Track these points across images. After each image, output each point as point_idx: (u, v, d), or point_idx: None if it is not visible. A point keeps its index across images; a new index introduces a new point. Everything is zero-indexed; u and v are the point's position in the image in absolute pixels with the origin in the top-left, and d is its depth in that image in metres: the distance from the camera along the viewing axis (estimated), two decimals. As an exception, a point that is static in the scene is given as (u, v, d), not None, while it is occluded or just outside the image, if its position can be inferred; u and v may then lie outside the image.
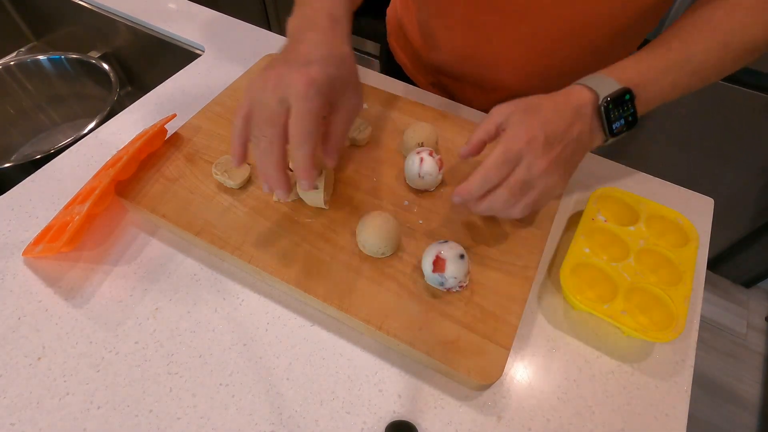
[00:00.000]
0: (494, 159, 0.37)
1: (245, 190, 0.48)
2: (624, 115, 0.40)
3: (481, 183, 0.38)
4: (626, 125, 0.41)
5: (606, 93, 0.39)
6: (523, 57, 0.55)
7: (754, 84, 0.97)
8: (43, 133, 0.89)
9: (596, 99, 0.40)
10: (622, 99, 0.40)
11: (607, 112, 0.40)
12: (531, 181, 0.38)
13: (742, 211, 1.21)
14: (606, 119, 0.40)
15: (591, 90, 0.40)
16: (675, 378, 0.40)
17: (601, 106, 0.39)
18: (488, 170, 0.38)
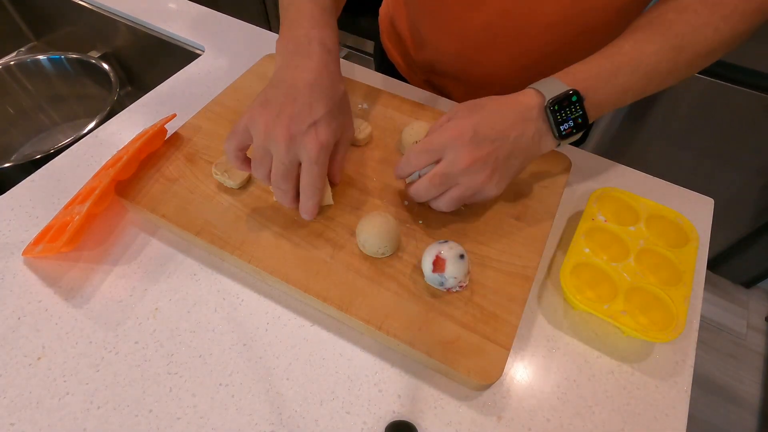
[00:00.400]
0: (418, 147, 0.40)
1: (245, 190, 0.48)
2: (572, 116, 0.40)
3: (403, 166, 0.42)
4: (575, 127, 0.41)
5: (552, 95, 0.40)
6: (512, 54, 0.55)
7: (754, 84, 0.97)
8: (43, 133, 0.89)
9: (543, 101, 0.40)
10: (569, 100, 0.40)
11: (553, 114, 0.40)
12: (453, 176, 0.39)
13: (742, 211, 1.21)
14: (553, 121, 0.40)
15: (539, 92, 0.40)
16: (675, 378, 0.40)
17: (546, 108, 0.40)
18: (409, 155, 0.41)
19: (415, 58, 0.66)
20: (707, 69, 1.00)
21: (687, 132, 1.12)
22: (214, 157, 0.50)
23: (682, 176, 1.15)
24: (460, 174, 0.39)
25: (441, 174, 0.39)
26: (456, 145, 0.38)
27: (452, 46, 0.59)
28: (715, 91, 1.01)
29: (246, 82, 0.60)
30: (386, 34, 0.73)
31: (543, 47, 0.54)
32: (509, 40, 0.54)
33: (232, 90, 0.58)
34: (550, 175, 0.50)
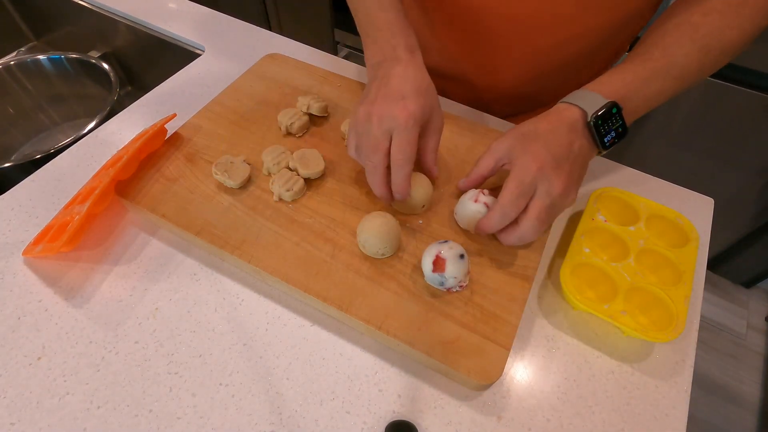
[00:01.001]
0: (509, 194, 0.39)
1: (245, 190, 0.48)
2: (614, 127, 0.41)
3: (500, 218, 0.40)
4: (617, 137, 0.42)
5: (593, 109, 0.40)
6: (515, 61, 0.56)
7: (754, 84, 0.97)
8: (43, 133, 0.89)
9: (585, 116, 0.41)
10: (610, 113, 0.40)
11: (597, 128, 0.41)
12: (553, 204, 0.39)
13: (742, 211, 1.21)
14: (597, 134, 0.41)
15: (579, 108, 0.41)
16: (675, 378, 0.40)
17: (590, 122, 0.40)
18: (504, 206, 0.39)
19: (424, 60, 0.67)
20: (707, 69, 1.00)
21: (687, 132, 1.12)
22: (214, 157, 0.50)
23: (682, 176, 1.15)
24: (559, 198, 0.39)
25: (546, 207, 0.39)
26: (544, 175, 0.38)
27: (449, 49, 0.59)
28: (715, 91, 1.01)
29: (246, 82, 0.60)
30: None
31: (552, 49, 0.54)
32: (519, 43, 0.54)
33: (232, 90, 0.58)
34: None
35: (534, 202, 0.39)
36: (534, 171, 0.38)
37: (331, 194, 0.48)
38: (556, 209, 0.40)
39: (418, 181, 0.45)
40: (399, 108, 0.41)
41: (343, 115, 0.56)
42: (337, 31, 1.51)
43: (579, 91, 0.42)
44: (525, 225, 0.39)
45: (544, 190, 0.39)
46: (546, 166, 0.38)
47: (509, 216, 0.40)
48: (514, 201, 0.39)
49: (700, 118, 1.08)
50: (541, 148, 0.39)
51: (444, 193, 0.49)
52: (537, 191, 0.39)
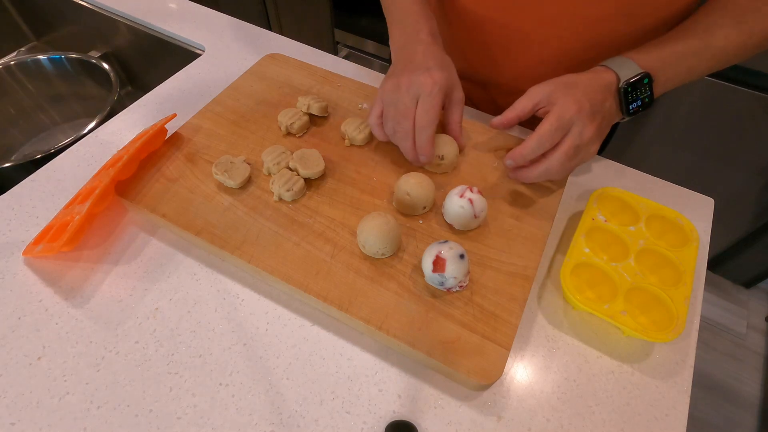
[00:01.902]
0: (548, 125, 0.41)
1: (245, 190, 0.48)
2: (641, 96, 0.43)
3: (536, 146, 0.42)
4: (642, 106, 0.44)
5: (627, 76, 0.42)
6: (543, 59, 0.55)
7: (754, 84, 0.97)
8: (44, 133, 0.89)
9: (618, 80, 0.43)
10: (641, 83, 0.42)
11: (625, 94, 0.43)
12: (581, 146, 0.42)
13: (742, 211, 1.20)
14: (624, 100, 0.43)
15: (613, 72, 0.43)
16: (675, 378, 0.40)
17: (621, 88, 0.42)
18: (542, 135, 0.41)
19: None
20: (707, 69, 1.00)
21: (687, 132, 1.12)
22: (214, 157, 0.50)
23: (682, 176, 1.15)
24: (588, 143, 0.42)
25: (575, 146, 0.41)
26: (580, 118, 0.41)
27: (479, 52, 0.58)
28: (715, 91, 1.01)
29: (246, 82, 0.60)
30: None
31: (574, 52, 0.53)
32: (541, 45, 0.54)
33: (232, 90, 0.58)
34: (550, 175, 0.50)
35: (566, 139, 0.41)
36: (574, 111, 0.40)
37: (331, 194, 0.48)
38: (581, 154, 0.42)
39: (420, 181, 0.45)
40: (425, 76, 0.44)
41: (343, 115, 0.56)
42: (337, 31, 1.51)
43: (617, 57, 0.44)
44: (554, 158, 0.42)
45: (578, 131, 0.41)
46: (583, 111, 0.41)
47: (544, 146, 0.42)
48: (552, 132, 0.41)
49: (700, 118, 1.08)
50: (581, 95, 0.41)
51: (445, 194, 0.49)
52: (571, 130, 0.41)
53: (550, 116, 0.41)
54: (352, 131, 0.52)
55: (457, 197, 0.43)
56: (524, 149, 0.43)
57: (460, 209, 0.43)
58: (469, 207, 0.43)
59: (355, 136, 0.52)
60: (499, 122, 0.46)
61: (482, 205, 0.43)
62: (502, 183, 0.50)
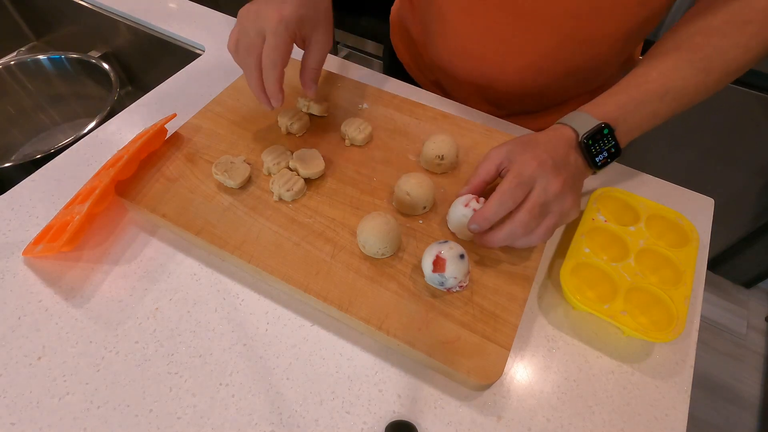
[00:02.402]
0: (508, 183, 0.38)
1: (245, 190, 0.48)
2: (605, 147, 0.42)
3: (497, 207, 0.39)
4: (609, 156, 0.42)
5: (584, 130, 0.41)
6: (522, 57, 0.55)
7: (754, 84, 0.97)
8: (44, 133, 0.89)
9: (576, 135, 0.41)
10: (601, 134, 0.41)
11: (587, 147, 0.41)
12: (548, 203, 0.39)
13: (742, 211, 1.21)
14: (588, 154, 0.42)
15: (571, 128, 0.42)
16: (675, 378, 0.40)
17: (581, 141, 0.41)
18: (503, 194, 0.39)
19: (424, 57, 0.66)
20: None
21: (687, 132, 1.12)
22: (214, 157, 0.50)
23: (682, 176, 1.15)
24: (554, 200, 0.39)
25: (540, 203, 0.38)
26: (543, 172, 0.39)
27: (460, 44, 0.58)
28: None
29: (246, 82, 0.60)
30: (396, 34, 0.73)
31: (556, 47, 0.53)
32: (522, 44, 0.54)
33: (232, 90, 0.59)
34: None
35: (530, 196, 0.39)
36: (534, 167, 0.39)
37: (331, 194, 0.48)
38: (550, 212, 0.39)
39: (420, 181, 0.45)
40: (273, 10, 0.41)
41: (343, 116, 0.56)
42: (337, 31, 1.51)
43: (573, 112, 0.43)
44: (515, 218, 0.39)
45: (542, 187, 0.38)
46: (545, 166, 0.39)
47: (506, 205, 0.39)
48: (513, 189, 0.38)
49: (700, 118, 1.08)
50: (541, 151, 0.40)
51: (445, 194, 0.49)
52: (534, 187, 0.39)
53: (509, 175, 0.39)
54: (352, 131, 0.52)
55: (461, 206, 0.43)
56: (486, 211, 0.39)
57: (463, 218, 0.42)
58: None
59: (355, 136, 0.52)
60: (467, 190, 0.44)
61: None
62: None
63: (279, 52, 0.42)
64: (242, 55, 0.44)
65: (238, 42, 0.44)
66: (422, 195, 0.45)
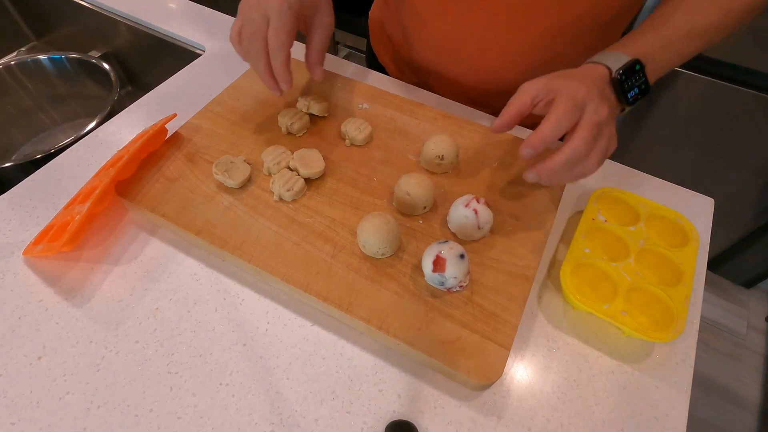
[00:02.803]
0: (563, 105, 0.38)
1: (245, 190, 0.48)
2: (637, 84, 0.42)
3: (555, 126, 0.38)
4: (640, 93, 0.43)
5: (617, 66, 0.41)
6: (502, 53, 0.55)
7: (754, 84, 0.97)
8: (44, 133, 0.89)
9: (610, 72, 0.41)
10: (633, 69, 0.41)
11: (621, 83, 0.41)
12: (601, 125, 0.39)
13: (742, 211, 1.21)
14: (621, 89, 0.42)
15: (604, 65, 0.42)
16: (675, 378, 0.40)
17: (615, 77, 0.41)
18: (560, 115, 0.38)
19: (405, 57, 0.66)
20: (707, 69, 1.00)
21: (687, 132, 1.12)
22: (214, 157, 0.50)
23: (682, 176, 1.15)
24: (606, 122, 0.39)
25: (596, 122, 0.38)
26: (592, 98, 0.38)
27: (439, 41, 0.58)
28: (715, 91, 1.01)
29: (246, 82, 0.60)
30: (376, 37, 0.73)
31: (534, 41, 0.53)
32: (499, 38, 0.54)
33: (232, 90, 0.58)
34: (550, 175, 0.50)
35: (584, 117, 0.38)
36: (584, 91, 0.38)
37: (331, 194, 0.48)
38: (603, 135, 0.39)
39: (420, 181, 0.45)
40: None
41: (343, 115, 0.56)
42: (337, 31, 1.51)
43: (602, 52, 0.43)
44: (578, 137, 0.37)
45: (594, 109, 0.38)
46: (593, 91, 0.39)
47: (563, 125, 0.38)
48: (569, 111, 0.37)
49: (700, 118, 1.08)
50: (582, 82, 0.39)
51: (445, 194, 0.49)
52: (586, 109, 0.38)
53: (561, 98, 0.38)
54: (352, 131, 0.52)
55: (462, 206, 0.43)
56: (543, 132, 0.38)
57: (464, 218, 0.43)
58: (474, 217, 0.42)
59: (355, 136, 0.52)
60: (500, 124, 0.41)
61: (487, 216, 0.43)
62: (503, 183, 0.50)
63: (285, 32, 0.42)
64: (247, 42, 0.44)
65: (241, 30, 0.44)
66: (422, 195, 0.45)
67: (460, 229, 0.43)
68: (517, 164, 0.51)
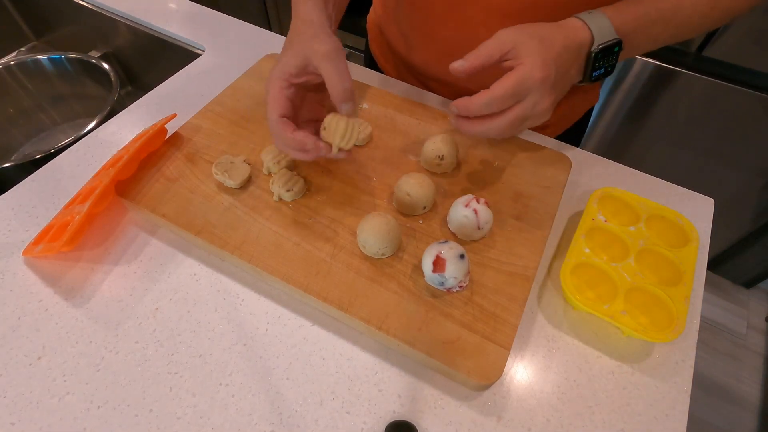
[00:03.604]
0: (504, 89, 0.38)
1: (245, 190, 0.48)
2: (606, 65, 0.41)
3: (484, 106, 0.39)
4: (604, 74, 0.42)
5: (601, 40, 0.40)
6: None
7: (754, 84, 0.97)
8: (44, 133, 0.89)
9: (591, 43, 0.40)
10: (611, 51, 0.40)
11: (594, 60, 0.40)
12: (530, 118, 0.39)
13: (742, 211, 1.21)
14: (590, 66, 0.41)
15: (590, 32, 0.40)
16: (675, 378, 0.40)
17: (592, 52, 0.40)
18: (494, 98, 0.38)
19: (406, 62, 0.66)
20: (707, 69, 1.00)
21: (687, 132, 1.12)
22: (214, 157, 0.50)
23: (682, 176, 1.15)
24: (538, 115, 0.39)
25: (522, 117, 0.39)
26: (541, 88, 0.38)
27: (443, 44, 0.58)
28: (715, 91, 1.01)
29: (246, 82, 0.60)
30: (375, 42, 0.72)
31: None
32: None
33: (232, 90, 0.58)
34: (550, 174, 0.50)
35: (516, 107, 0.38)
36: (537, 80, 0.37)
37: (331, 194, 0.48)
38: (527, 123, 0.40)
39: (420, 181, 0.45)
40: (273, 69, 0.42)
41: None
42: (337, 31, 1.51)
43: (597, 12, 0.41)
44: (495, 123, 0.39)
45: (532, 102, 0.38)
46: (547, 81, 0.38)
47: (492, 109, 0.39)
48: (506, 98, 0.38)
49: (700, 118, 1.08)
50: (552, 60, 0.38)
51: (445, 194, 0.49)
52: (526, 98, 0.38)
53: (510, 77, 0.37)
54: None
55: (462, 206, 0.43)
56: (471, 104, 0.39)
57: (464, 219, 0.42)
58: (474, 217, 0.42)
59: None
60: (461, 67, 0.40)
61: (487, 216, 0.43)
62: (503, 183, 0.50)
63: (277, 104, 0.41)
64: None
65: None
66: (422, 195, 0.45)
67: (460, 229, 0.43)
68: (517, 164, 0.51)
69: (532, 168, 0.51)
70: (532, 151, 0.53)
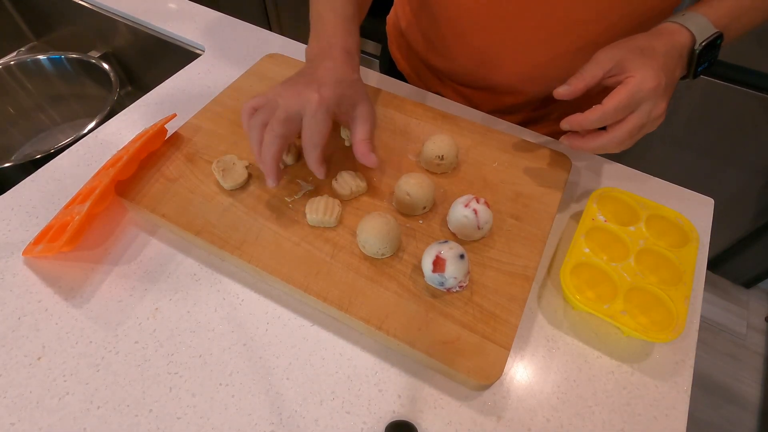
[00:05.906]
0: (617, 102, 0.38)
1: (245, 190, 0.48)
2: (709, 58, 0.41)
3: (598, 120, 0.39)
4: (708, 67, 0.42)
5: (703, 37, 0.40)
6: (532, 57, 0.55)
7: (754, 84, 0.97)
8: (44, 133, 0.89)
9: (693, 42, 0.40)
10: (714, 44, 0.40)
11: (698, 56, 0.41)
12: (647, 125, 0.40)
13: (742, 211, 1.21)
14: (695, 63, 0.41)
15: (689, 32, 0.41)
16: (675, 378, 0.40)
17: (696, 50, 0.40)
18: (607, 112, 0.39)
19: (432, 66, 0.66)
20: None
21: (687, 132, 1.12)
22: (213, 157, 0.50)
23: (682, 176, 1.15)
24: (654, 121, 0.40)
25: (640, 125, 0.39)
26: (654, 95, 0.39)
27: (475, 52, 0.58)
28: (715, 91, 1.01)
29: (246, 82, 0.60)
30: (395, 44, 0.72)
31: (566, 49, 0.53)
32: (530, 46, 0.53)
33: (232, 90, 0.58)
34: (551, 174, 0.50)
35: (632, 117, 0.39)
36: (650, 88, 0.38)
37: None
38: (644, 131, 0.40)
39: (420, 181, 0.45)
40: (314, 92, 0.40)
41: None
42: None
43: (690, 12, 0.42)
44: (615, 135, 0.40)
45: (647, 110, 0.39)
46: (659, 88, 0.38)
47: (606, 122, 0.39)
48: (620, 109, 0.39)
49: (700, 118, 1.08)
50: (659, 67, 0.39)
51: (445, 194, 0.49)
52: (640, 107, 0.39)
53: (622, 90, 0.38)
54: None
55: (462, 206, 0.43)
56: (584, 120, 0.39)
57: (463, 218, 0.42)
58: (473, 217, 0.42)
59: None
60: (566, 91, 0.41)
61: (487, 216, 0.43)
62: (503, 183, 0.50)
63: (320, 133, 0.41)
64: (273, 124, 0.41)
65: (262, 108, 0.42)
66: (422, 195, 0.45)
67: (460, 229, 0.43)
68: (517, 164, 0.51)
69: (532, 168, 0.51)
70: (532, 151, 0.53)
